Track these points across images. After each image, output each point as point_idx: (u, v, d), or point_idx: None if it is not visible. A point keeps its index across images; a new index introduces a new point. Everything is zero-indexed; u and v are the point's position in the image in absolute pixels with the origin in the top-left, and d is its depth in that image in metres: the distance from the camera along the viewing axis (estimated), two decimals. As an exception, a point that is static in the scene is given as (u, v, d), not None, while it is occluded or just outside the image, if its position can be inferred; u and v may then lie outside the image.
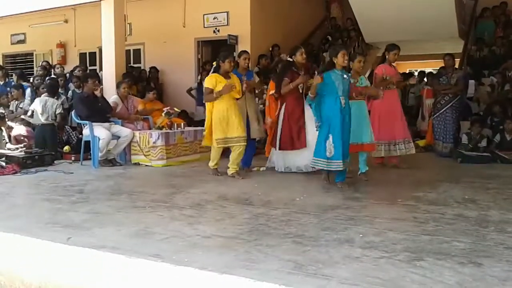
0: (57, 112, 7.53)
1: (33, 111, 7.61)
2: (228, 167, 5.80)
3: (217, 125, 5.65)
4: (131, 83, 8.54)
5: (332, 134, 4.88)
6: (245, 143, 5.75)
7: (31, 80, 9.43)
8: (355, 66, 5.55)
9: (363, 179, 5.53)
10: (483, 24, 11.63)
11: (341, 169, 4.94)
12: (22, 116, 7.91)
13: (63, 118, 7.74)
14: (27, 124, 7.78)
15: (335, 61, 4.98)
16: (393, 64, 6.46)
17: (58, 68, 10.12)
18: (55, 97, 7.77)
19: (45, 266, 3.17)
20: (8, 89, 8.71)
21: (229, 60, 5.68)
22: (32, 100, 8.07)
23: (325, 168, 5.05)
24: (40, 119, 7.45)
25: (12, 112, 8.08)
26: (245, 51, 6.32)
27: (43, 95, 7.75)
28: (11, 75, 9.53)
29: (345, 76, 5.01)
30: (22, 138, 7.55)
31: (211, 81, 5.67)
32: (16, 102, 8.23)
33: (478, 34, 11.39)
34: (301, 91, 5.94)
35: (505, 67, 9.32)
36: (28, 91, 8.54)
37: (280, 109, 6.00)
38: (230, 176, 5.73)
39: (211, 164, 5.93)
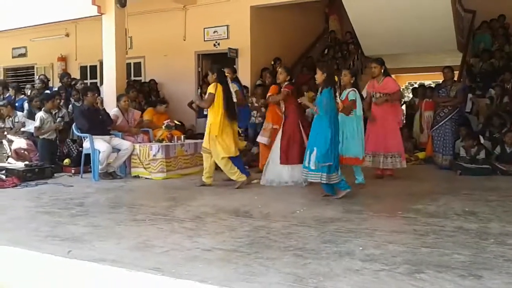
0: (35, 125, 7.46)
1: (24, 122, 7.76)
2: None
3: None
4: (137, 93, 8.59)
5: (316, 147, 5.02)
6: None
7: (27, 93, 9.44)
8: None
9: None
10: (480, 36, 11.71)
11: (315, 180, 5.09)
12: (22, 129, 7.94)
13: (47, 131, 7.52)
14: (27, 137, 7.80)
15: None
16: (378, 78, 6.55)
17: (81, 84, 9.50)
18: (54, 110, 7.78)
19: (45, 280, 3.16)
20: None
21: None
22: (28, 113, 8.13)
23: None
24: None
25: (11, 128, 8.06)
26: None
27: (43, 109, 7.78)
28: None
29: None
30: (22, 151, 7.55)
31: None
32: (10, 118, 8.18)
33: (476, 47, 11.46)
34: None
35: (503, 79, 9.36)
36: (25, 105, 8.57)
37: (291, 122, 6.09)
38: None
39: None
